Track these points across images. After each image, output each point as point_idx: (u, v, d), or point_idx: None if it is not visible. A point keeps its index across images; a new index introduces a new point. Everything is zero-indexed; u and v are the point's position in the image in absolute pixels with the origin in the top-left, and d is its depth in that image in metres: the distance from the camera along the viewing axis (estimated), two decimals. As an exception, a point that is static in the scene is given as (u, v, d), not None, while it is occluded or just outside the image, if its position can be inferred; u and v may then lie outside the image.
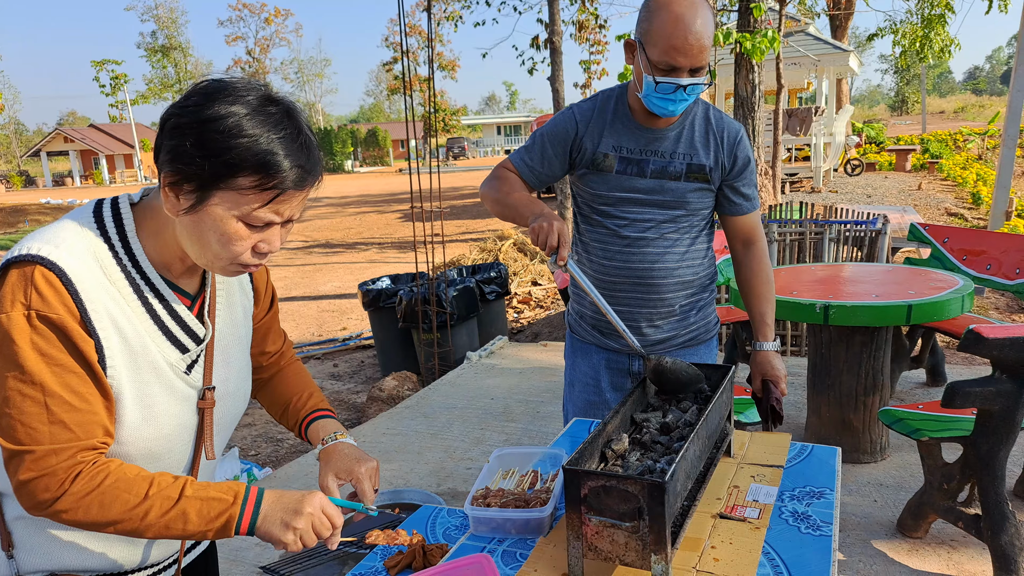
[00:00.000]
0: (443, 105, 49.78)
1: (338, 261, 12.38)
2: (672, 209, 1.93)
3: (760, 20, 9.11)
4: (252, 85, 1.06)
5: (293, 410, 1.43)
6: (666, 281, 1.96)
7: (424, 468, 3.61)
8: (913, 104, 64.66)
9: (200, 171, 1.01)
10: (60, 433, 1.01)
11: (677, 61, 1.72)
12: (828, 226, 5.24)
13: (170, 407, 1.15)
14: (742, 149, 1.93)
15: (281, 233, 1.11)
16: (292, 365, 1.51)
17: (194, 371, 1.19)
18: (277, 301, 1.45)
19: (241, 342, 1.31)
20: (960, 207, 12.29)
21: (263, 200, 1.03)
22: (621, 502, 1.19)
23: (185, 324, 1.17)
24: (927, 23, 14.59)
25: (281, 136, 1.03)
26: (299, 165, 1.05)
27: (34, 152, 52.02)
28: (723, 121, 1.95)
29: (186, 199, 1.03)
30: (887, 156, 20.54)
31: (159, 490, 1.05)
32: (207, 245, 1.07)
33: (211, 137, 1.00)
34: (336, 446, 1.35)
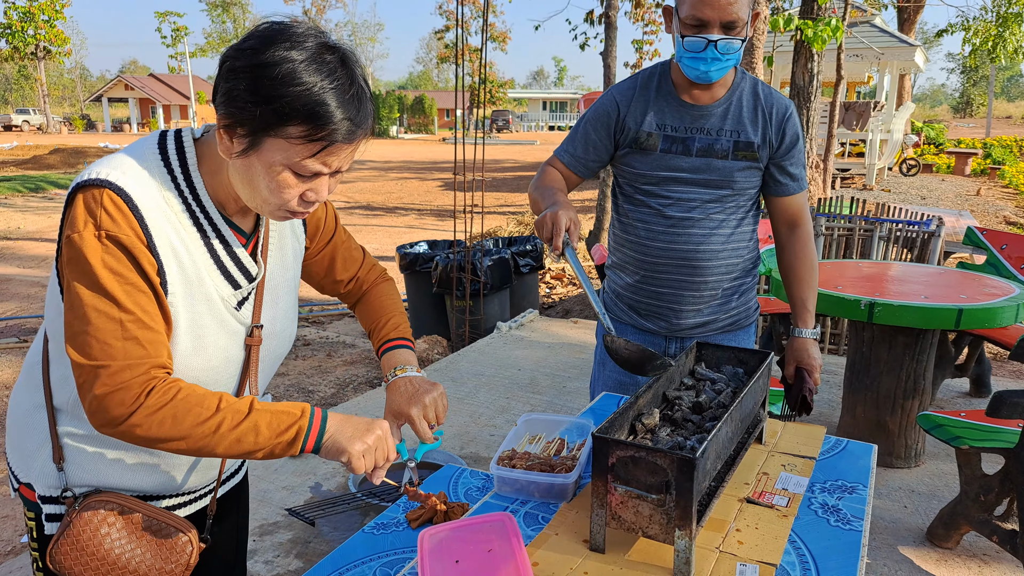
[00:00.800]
0: (491, 77, 49.47)
1: (377, 224, 12.46)
2: (718, 188, 1.87)
3: (824, 8, 8.82)
4: (311, 31, 1.05)
5: (374, 339, 1.44)
6: (710, 263, 1.90)
7: (448, 431, 3.63)
8: (978, 107, 62.32)
9: (252, 116, 1.00)
10: (134, 349, 1.02)
11: (704, 13, 1.67)
12: (879, 224, 5.08)
13: (219, 339, 1.16)
14: (791, 126, 1.86)
15: (329, 183, 1.10)
16: (376, 288, 1.49)
17: (244, 308, 1.20)
18: (340, 231, 1.44)
19: (289, 284, 1.32)
20: (1021, 216, 11.85)
21: (312, 151, 1.03)
22: (649, 474, 1.17)
23: (239, 261, 1.18)
24: (1002, 21, 13.98)
25: (334, 87, 1.01)
26: (349, 118, 1.03)
27: (96, 97, 53.21)
28: (772, 96, 1.88)
29: (239, 143, 1.04)
30: (946, 158, 19.87)
31: (228, 404, 1.06)
32: (257, 190, 1.07)
33: (264, 83, 0.99)
34: (396, 383, 1.34)
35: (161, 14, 52.37)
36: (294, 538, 2.71)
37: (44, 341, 1.20)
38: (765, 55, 7.16)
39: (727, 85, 1.86)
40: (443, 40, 41.09)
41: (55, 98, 64.64)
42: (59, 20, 42.30)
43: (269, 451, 1.08)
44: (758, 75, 6.50)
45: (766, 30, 6.50)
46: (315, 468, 3.25)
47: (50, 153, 23.56)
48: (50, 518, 1.20)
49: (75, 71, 70.72)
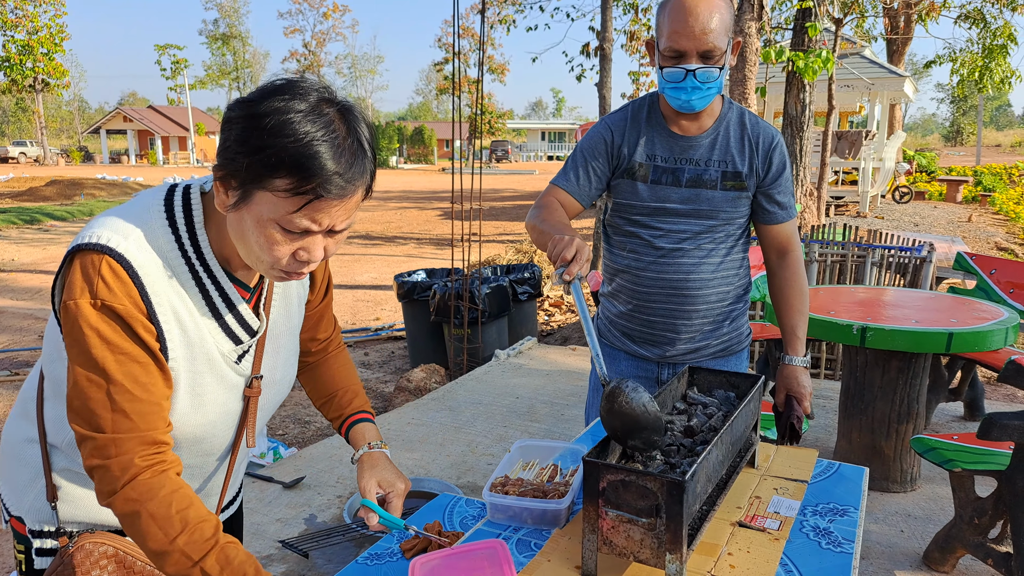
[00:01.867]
0: (490, 108, 50.01)
1: (376, 253, 12.52)
2: (708, 219, 1.89)
3: (815, 40, 8.99)
4: (315, 86, 1.03)
5: (337, 405, 1.44)
6: (701, 292, 1.93)
7: (445, 460, 3.63)
8: (968, 135, 63.04)
9: (241, 167, 0.99)
10: (121, 422, 1.02)
11: (680, 44, 1.70)
12: (871, 250, 5.13)
13: (218, 395, 1.17)
14: (777, 155, 1.89)
15: (326, 243, 1.06)
16: (339, 354, 1.51)
17: (244, 360, 1.20)
18: (332, 289, 1.46)
19: (293, 331, 1.32)
20: (1012, 242, 11.94)
21: (297, 204, 0.99)
22: (640, 498, 1.18)
23: (242, 318, 1.17)
24: (988, 53, 14.22)
25: (327, 139, 0.98)
26: (339, 172, 0.99)
27: (94, 129, 53.63)
28: (759, 126, 1.90)
29: (232, 195, 1.02)
30: (938, 186, 20.06)
31: (186, 542, 1.02)
32: (249, 246, 1.05)
33: (254, 133, 0.98)
34: (380, 455, 1.37)
35: (161, 47, 53.05)
36: (288, 571, 2.70)
37: (40, 378, 1.21)
38: (758, 86, 7.28)
39: (714, 115, 1.89)
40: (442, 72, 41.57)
41: (53, 130, 65.10)
42: (58, 53, 42.81)
43: None
44: (751, 106, 6.60)
45: (758, 62, 6.62)
46: (310, 500, 3.24)
47: (46, 185, 23.66)
48: (40, 552, 1.20)
49: (73, 103, 71.34)
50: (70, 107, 71.15)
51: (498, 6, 15.30)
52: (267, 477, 3.42)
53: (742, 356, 2.11)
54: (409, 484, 1.36)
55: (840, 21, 9.95)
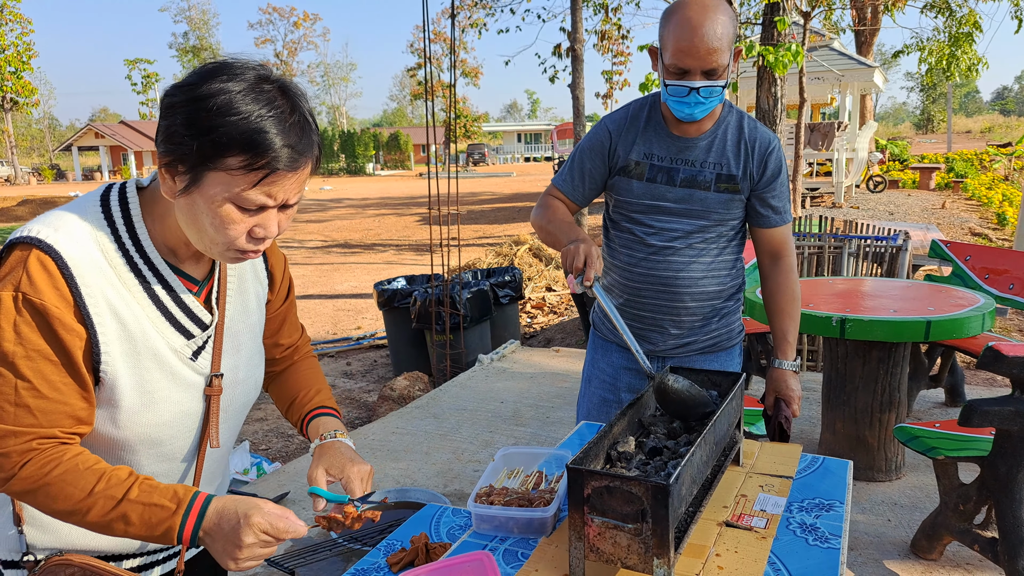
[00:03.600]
0: (465, 112, 50.00)
1: (355, 261, 12.44)
2: (700, 219, 1.92)
3: (784, 34, 9.07)
4: (249, 65, 1.04)
5: (298, 405, 1.41)
6: (690, 290, 1.95)
7: (431, 468, 3.60)
8: (939, 123, 64.02)
9: (190, 151, 0.99)
10: (23, 417, 1.01)
11: (684, 63, 1.72)
12: (847, 241, 5.18)
13: (171, 393, 1.14)
14: (774, 160, 1.90)
15: (279, 218, 1.07)
16: (306, 360, 1.48)
17: (201, 357, 1.17)
18: (294, 292, 1.43)
19: (253, 330, 1.29)
20: (985, 227, 12.12)
21: (252, 180, 1.00)
22: (624, 503, 1.17)
23: (189, 310, 1.15)
24: (954, 41, 14.45)
25: (272, 115, 1.00)
26: (290, 145, 1.01)
27: (66, 147, 52.89)
28: (756, 131, 1.92)
29: (180, 180, 1.02)
30: (911, 174, 20.33)
31: (105, 487, 1.02)
32: (203, 229, 1.04)
33: (200, 115, 0.98)
34: (333, 443, 1.32)
35: (131, 61, 52.55)
36: (277, 587, 2.65)
37: None
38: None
39: (714, 118, 1.91)
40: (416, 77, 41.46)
41: (23, 149, 64.14)
42: (26, 71, 42.22)
43: (144, 539, 1.05)
44: (722, 101, 6.64)
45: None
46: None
47: (18, 205, 23.31)
48: None
49: (43, 121, 70.39)
50: (40, 125, 70.18)
51: (469, 10, 15.30)
52: (250, 494, 3.37)
53: (733, 352, 2.12)
54: (368, 468, 1.31)
55: (808, 14, 10.05)
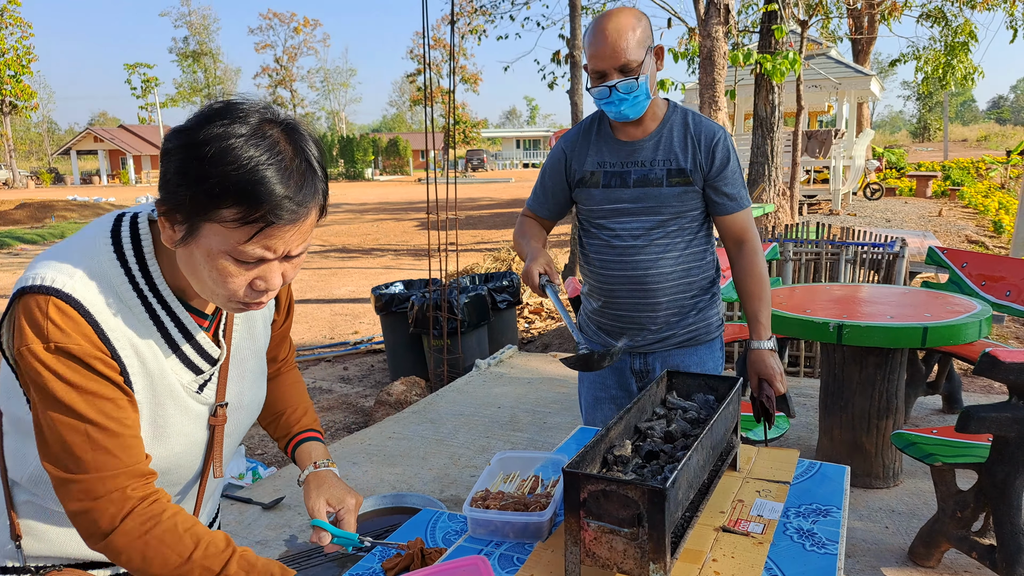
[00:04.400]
0: (464, 118, 50.08)
1: (354, 266, 12.43)
2: (657, 215, 2.00)
3: (781, 42, 9.11)
4: (255, 107, 0.98)
5: (285, 423, 1.41)
6: (662, 285, 2.04)
7: (428, 474, 3.59)
8: (935, 131, 64.22)
9: (184, 201, 0.94)
10: (106, 460, 0.99)
11: (597, 65, 1.86)
12: (844, 247, 5.18)
13: (183, 426, 1.13)
14: (721, 149, 1.97)
15: (284, 269, 1.02)
16: (290, 373, 1.48)
17: (207, 389, 1.17)
18: (293, 311, 1.43)
19: (258, 353, 1.29)
20: (981, 235, 12.15)
21: (248, 234, 0.94)
22: (621, 507, 1.16)
23: (200, 347, 1.14)
24: (950, 50, 14.53)
25: (272, 162, 0.93)
26: (289, 196, 0.94)
27: (64, 150, 52.87)
28: (701, 124, 2.00)
29: (178, 230, 0.97)
30: (907, 181, 20.39)
31: (203, 556, 1.02)
32: (202, 281, 1.01)
33: (193, 164, 0.92)
34: (328, 473, 1.33)
35: (131, 66, 52.56)
36: (271, 592, 2.64)
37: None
38: (727, 89, 7.35)
39: (658, 119, 2.00)
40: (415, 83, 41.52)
41: (22, 152, 64.06)
42: (25, 75, 42.23)
43: None
44: (720, 108, 6.65)
45: (726, 65, 6.68)
46: (290, 521, 3.18)
47: (16, 208, 23.26)
48: None
49: (42, 125, 70.36)
50: (39, 129, 70.17)
51: (469, 16, 15.34)
52: (245, 499, 3.36)
53: (713, 346, 2.17)
54: (360, 499, 1.33)
55: (805, 23, 10.09)
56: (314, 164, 0.99)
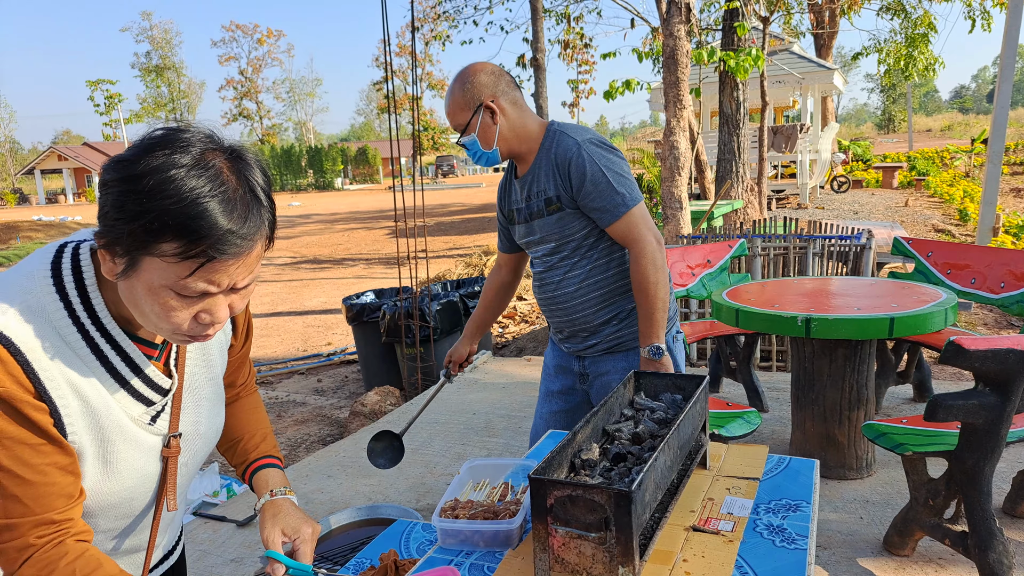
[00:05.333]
0: (432, 124, 49.98)
1: (325, 277, 12.32)
2: (547, 243, 2.14)
3: (744, 39, 9.21)
4: (198, 135, 0.95)
5: (242, 450, 1.37)
6: (570, 303, 2.16)
7: (403, 483, 3.55)
8: (900, 122, 65.43)
9: (122, 235, 0.91)
10: (13, 507, 0.97)
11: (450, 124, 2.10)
12: (812, 241, 5.24)
13: (134, 461, 1.10)
14: (574, 168, 2.00)
15: (230, 301, 1.00)
16: (249, 398, 1.44)
17: (159, 420, 1.13)
18: (252, 334, 1.39)
19: (215, 380, 1.25)
20: (947, 223, 12.38)
21: (189, 269, 0.92)
22: (587, 512, 1.15)
23: (149, 379, 1.10)
24: (911, 42, 14.81)
25: (215, 194, 0.90)
26: (232, 229, 0.91)
27: (28, 170, 51.79)
28: (557, 149, 2.04)
29: (119, 263, 0.94)
30: (874, 173, 20.73)
31: None
32: (144, 314, 0.98)
33: (131, 197, 0.89)
34: (284, 502, 1.28)
35: (93, 82, 51.59)
36: (245, 612, 2.59)
37: None
38: (692, 87, 7.41)
39: (533, 152, 2.11)
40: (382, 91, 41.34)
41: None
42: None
43: None
44: (685, 107, 6.70)
45: (690, 63, 6.73)
46: (260, 542, 3.12)
47: (-20, 230, 22.73)
48: None
49: (4, 145, 68.94)
50: (1, 149, 68.74)
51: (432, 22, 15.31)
52: (219, 517, 3.30)
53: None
54: (319, 529, 1.28)
55: (767, 19, 10.21)
56: (259, 194, 0.97)
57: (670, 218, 6.86)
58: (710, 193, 9.77)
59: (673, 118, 6.65)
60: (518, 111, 2.06)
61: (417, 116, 5.33)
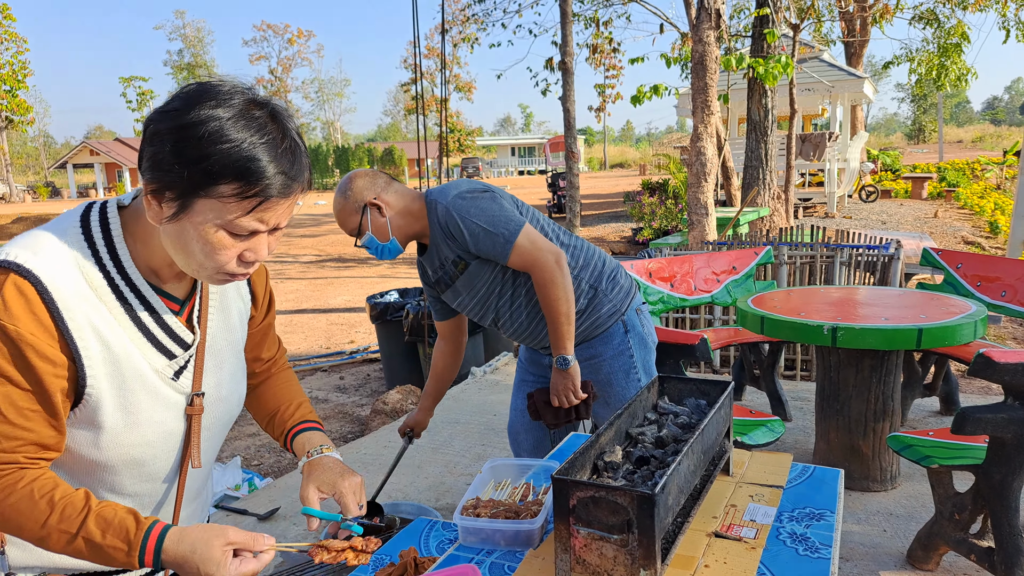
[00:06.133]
0: (458, 126, 50.18)
1: (349, 275, 12.42)
2: (478, 293, 2.22)
3: (774, 46, 9.14)
4: (236, 89, 1.03)
5: (280, 420, 1.40)
6: (532, 325, 2.27)
7: (424, 482, 3.57)
8: (930, 133, 64.40)
9: (179, 179, 0.98)
10: None
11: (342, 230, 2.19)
12: (839, 250, 5.18)
13: (155, 414, 1.13)
14: (455, 229, 2.10)
15: (269, 241, 1.07)
16: (283, 373, 1.48)
17: (183, 377, 1.16)
18: (275, 306, 1.43)
19: (235, 346, 1.28)
20: (977, 235, 12.17)
21: (245, 208, 1.00)
22: (610, 514, 1.15)
23: (171, 331, 1.14)
24: (943, 51, 14.58)
25: (264, 141, 0.99)
26: (283, 172, 1.01)
27: (60, 164, 52.76)
28: (439, 218, 2.13)
29: (168, 207, 1.01)
30: (903, 183, 20.42)
31: (59, 521, 1.00)
32: (191, 254, 1.03)
33: (190, 143, 0.97)
34: (321, 459, 1.31)
35: (126, 79, 52.58)
36: (266, 604, 2.62)
37: None
38: (720, 93, 7.37)
39: (425, 232, 2.20)
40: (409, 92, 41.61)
41: (19, 167, 64.02)
42: (21, 90, 42.24)
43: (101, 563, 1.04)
44: (714, 112, 6.66)
45: (719, 70, 6.70)
46: (285, 531, 3.16)
47: (13, 222, 23.21)
48: None
49: (38, 139, 70.37)
50: (35, 143, 70.18)
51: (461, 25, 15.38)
52: (240, 510, 3.34)
53: (608, 336, 2.32)
54: (360, 479, 1.31)
55: (797, 26, 10.12)
56: (298, 142, 1.06)
57: (695, 224, 6.83)
58: (736, 200, 9.70)
59: (700, 124, 6.62)
60: (400, 198, 2.16)
61: (444, 118, 5.36)
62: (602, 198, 23.89)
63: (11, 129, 44.21)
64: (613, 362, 2.31)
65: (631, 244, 13.54)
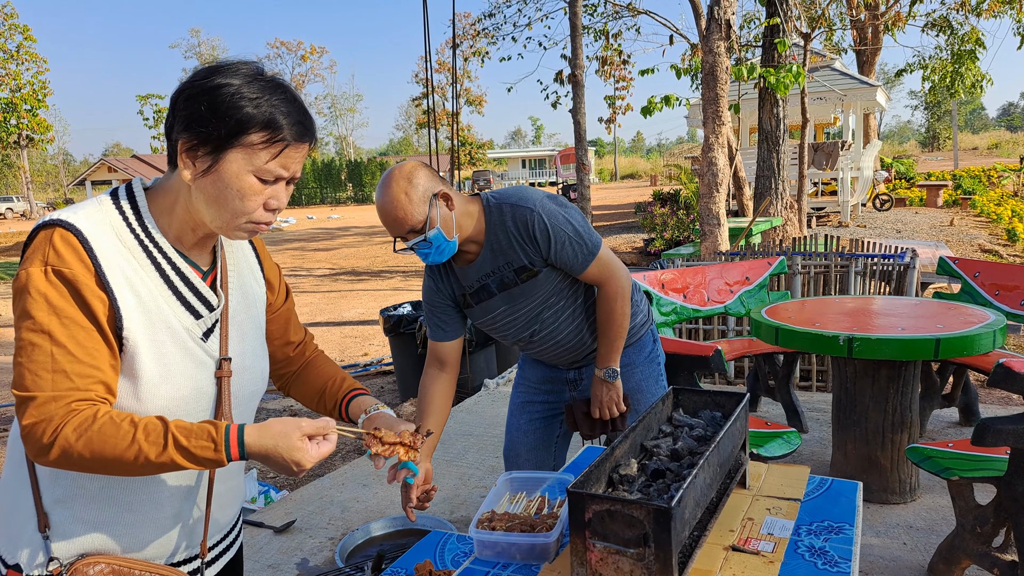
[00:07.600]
0: (469, 139, 50.41)
1: (363, 288, 12.47)
2: (531, 301, 2.11)
3: (785, 55, 9.14)
4: (242, 64, 1.18)
5: (330, 393, 1.49)
6: (573, 341, 2.21)
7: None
8: (944, 140, 63.93)
9: (216, 131, 1.12)
10: (61, 381, 1.07)
11: (391, 233, 1.95)
12: (854, 259, 5.15)
13: (186, 368, 1.20)
14: (539, 231, 2.00)
15: (286, 191, 1.21)
16: (319, 355, 1.57)
17: (210, 339, 1.24)
18: (292, 295, 1.53)
19: (255, 321, 1.36)
20: (995, 243, 12.04)
21: (272, 154, 1.15)
22: (626, 527, 1.15)
23: (197, 291, 1.23)
24: (957, 58, 14.50)
25: (279, 98, 1.16)
26: (299, 121, 1.17)
27: (79, 181, 53.46)
28: (517, 219, 2.01)
29: (202, 162, 1.14)
30: (917, 192, 20.28)
31: (145, 435, 1.07)
32: (225, 203, 1.15)
33: (222, 100, 1.12)
34: (379, 414, 1.42)
35: (143, 97, 53.25)
36: (281, 619, 2.62)
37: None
38: (731, 103, 7.36)
39: (481, 231, 2.04)
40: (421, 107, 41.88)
41: (39, 184, 64.93)
42: (41, 109, 42.89)
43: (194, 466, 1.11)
44: (725, 122, 6.66)
45: (729, 80, 6.70)
46: (301, 543, 3.16)
47: (32, 238, 23.55)
48: None
49: (58, 157, 71.39)
50: (55, 161, 71.17)
51: (472, 39, 15.50)
52: (257, 523, 3.34)
53: (641, 344, 2.34)
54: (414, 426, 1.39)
55: (808, 36, 10.11)
56: (303, 101, 1.21)
57: (708, 234, 6.81)
58: (748, 210, 9.67)
59: (712, 134, 6.61)
60: (458, 196, 2.00)
61: (456, 131, 5.39)
62: (613, 209, 23.88)
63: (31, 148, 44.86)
64: (644, 369, 2.34)
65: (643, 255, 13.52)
